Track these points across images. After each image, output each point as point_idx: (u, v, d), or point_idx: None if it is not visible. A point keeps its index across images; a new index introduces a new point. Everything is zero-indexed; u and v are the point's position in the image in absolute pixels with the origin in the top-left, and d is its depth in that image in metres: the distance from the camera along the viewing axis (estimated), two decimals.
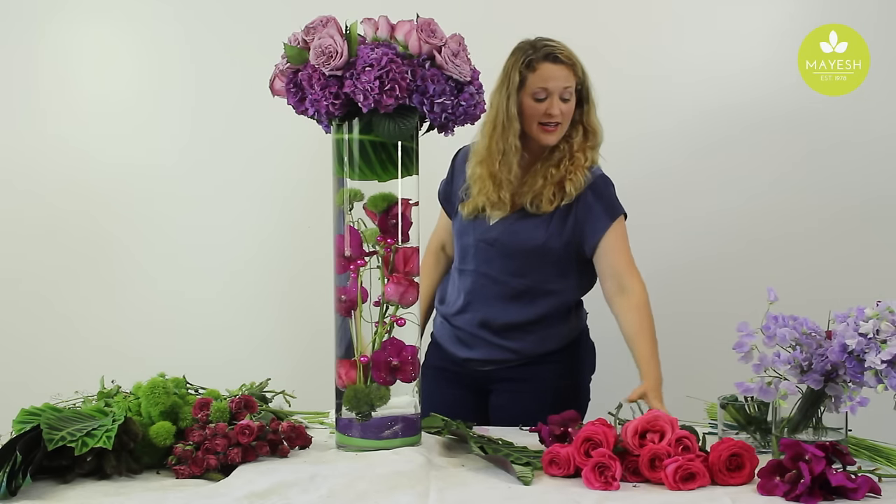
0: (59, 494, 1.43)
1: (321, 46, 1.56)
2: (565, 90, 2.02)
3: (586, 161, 2.06)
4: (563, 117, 2.03)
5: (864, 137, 2.64)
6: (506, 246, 2.06)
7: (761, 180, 2.68)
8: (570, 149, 2.06)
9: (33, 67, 2.85)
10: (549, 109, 2.01)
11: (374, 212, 1.66)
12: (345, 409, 1.67)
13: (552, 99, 2.01)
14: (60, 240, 2.85)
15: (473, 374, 2.14)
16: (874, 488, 1.40)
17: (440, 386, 2.15)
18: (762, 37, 2.67)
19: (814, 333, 1.56)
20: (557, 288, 2.09)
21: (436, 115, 1.60)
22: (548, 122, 2.02)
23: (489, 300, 2.09)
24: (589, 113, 2.08)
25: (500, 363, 2.10)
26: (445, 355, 2.17)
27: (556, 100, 2.01)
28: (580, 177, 2.04)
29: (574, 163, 2.05)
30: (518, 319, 2.08)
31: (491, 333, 2.09)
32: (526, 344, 2.09)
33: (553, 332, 2.10)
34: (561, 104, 2.02)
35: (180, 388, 1.69)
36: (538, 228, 2.05)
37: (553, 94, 2.01)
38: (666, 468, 1.45)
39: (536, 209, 2.04)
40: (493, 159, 2.04)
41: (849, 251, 2.65)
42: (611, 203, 2.07)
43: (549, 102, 2.01)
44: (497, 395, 2.14)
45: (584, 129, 2.08)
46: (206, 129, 2.84)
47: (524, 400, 2.07)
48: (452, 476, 1.53)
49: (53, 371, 2.72)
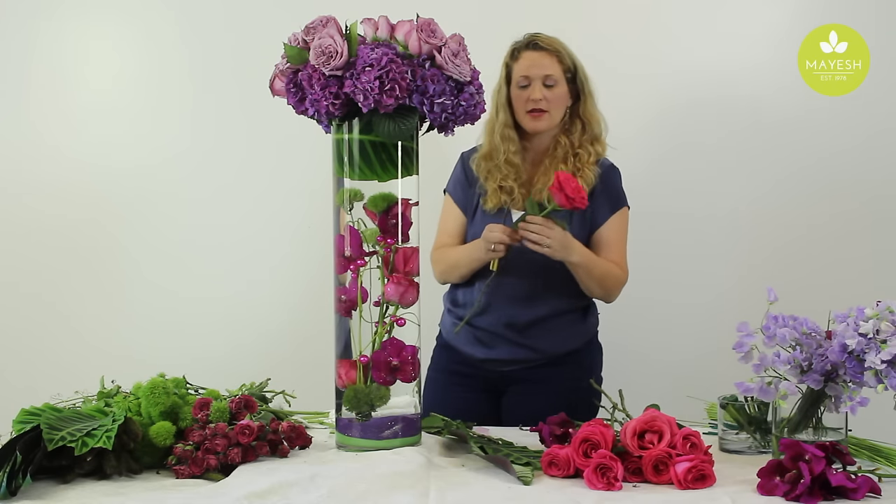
0: (59, 494, 1.43)
1: (321, 46, 1.56)
2: (548, 77, 2.06)
3: (590, 157, 2.09)
4: (548, 104, 2.07)
5: (864, 137, 2.64)
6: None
7: (761, 180, 2.68)
8: (571, 144, 2.10)
9: (28, 69, 2.85)
10: (532, 95, 2.06)
11: (374, 212, 1.66)
12: (345, 409, 1.67)
13: (534, 85, 2.06)
14: (60, 241, 2.85)
15: (489, 375, 2.13)
16: (874, 488, 1.40)
17: (452, 390, 2.15)
18: (762, 37, 2.68)
19: (814, 333, 1.56)
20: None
21: (436, 115, 1.60)
22: (532, 109, 2.07)
23: (513, 298, 2.08)
24: (585, 105, 2.11)
25: (522, 363, 2.10)
26: (459, 358, 2.15)
27: (538, 85, 2.06)
28: (589, 173, 2.07)
29: (580, 160, 2.08)
30: (542, 315, 2.07)
31: (515, 332, 2.09)
32: (548, 343, 2.08)
33: (575, 329, 2.12)
34: (544, 90, 2.06)
35: (180, 388, 1.69)
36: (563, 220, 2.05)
37: (535, 80, 2.06)
38: (675, 466, 1.45)
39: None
40: (492, 151, 2.11)
41: (849, 251, 2.65)
42: (616, 194, 2.11)
43: (532, 89, 2.06)
44: (511, 396, 2.13)
45: (582, 122, 2.11)
46: (206, 130, 2.84)
47: (539, 401, 2.05)
48: (452, 476, 1.53)
49: (53, 371, 2.72)
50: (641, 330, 2.67)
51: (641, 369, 2.59)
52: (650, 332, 2.69)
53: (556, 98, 2.08)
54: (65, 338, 2.85)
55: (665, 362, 2.70)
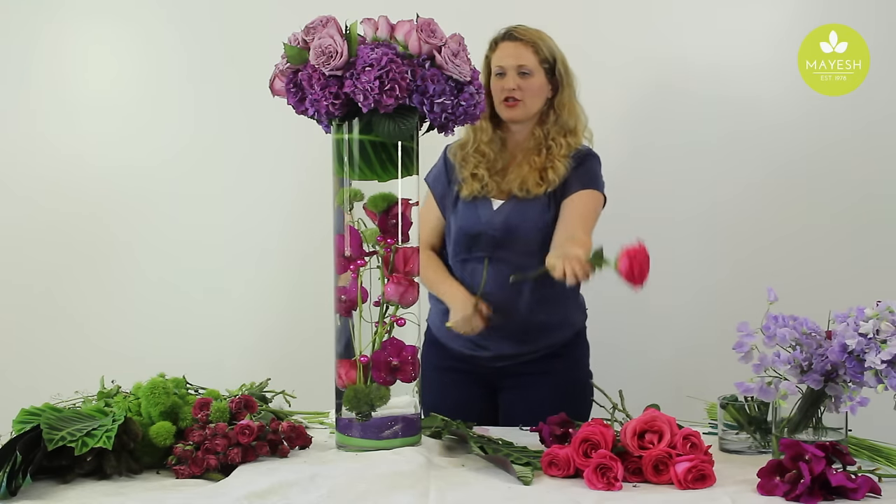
0: (59, 494, 1.43)
1: (321, 46, 1.56)
2: (521, 66, 2.08)
3: (562, 149, 2.10)
4: (521, 93, 2.08)
5: (864, 137, 2.63)
6: (515, 229, 2.07)
7: (761, 180, 2.68)
8: (544, 135, 2.11)
9: (28, 68, 2.85)
10: (505, 84, 2.08)
11: (374, 212, 1.66)
12: (345, 409, 1.67)
13: (509, 74, 2.08)
14: (60, 240, 2.85)
15: (481, 370, 2.13)
16: (874, 488, 1.40)
17: (449, 388, 2.14)
18: (762, 37, 2.67)
19: (814, 333, 1.56)
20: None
21: (436, 115, 1.60)
22: (506, 98, 2.08)
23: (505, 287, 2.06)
24: (561, 97, 2.12)
25: (513, 358, 2.10)
26: (451, 354, 2.16)
27: (513, 75, 2.08)
28: (560, 165, 2.08)
29: (551, 152, 2.09)
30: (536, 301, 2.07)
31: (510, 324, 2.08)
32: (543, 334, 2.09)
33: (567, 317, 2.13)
34: (518, 80, 2.08)
35: (180, 388, 1.69)
36: (543, 210, 2.07)
37: (509, 70, 2.08)
38: (676, 466, 1.45)
39: (526, 194, 2.07)
40: (467, 139, 2.14)
41: (849, 251, 2.64)
42: (589, 175, 2.11)
43: (506, 78, 2.08)
44: (507, 392, 2.14)
45: (557, 114, 2.12)
46: (206, 130, 2.84)
47: (535, 396, 2.06)
48: (452, 476, 1.53)
49: (53, 371, 2.72)
50: (641, 330, 2.66)
51: (641, 369, 2.59)
52: (650, 331, 2.69)
53: (530, 88, 2.08)
54: (65, 338, 2.84)
55: (665, 362, 2.69)
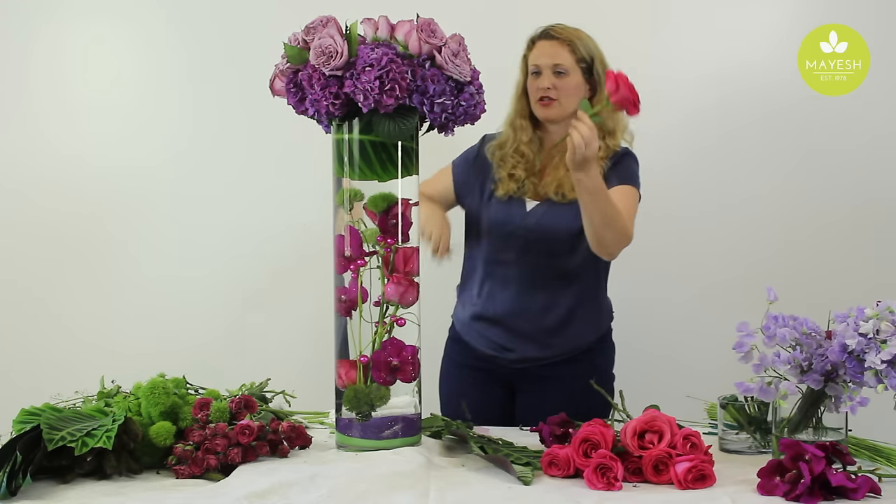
0: (59, 494, 1.43)
1: (321, 46, 1.56)
2: (557, 66, 2.06)
3: (600, 151, 2.03)
4: (557, 92, 2.06)
5: (864, 137, 2.64)
6: (547, 231, 2.06)
7: (761, 180, 2.68)
8: None
9: (28, 68, 2.84)
10: (541, 83, 2.07)
11: (374, 212, 1.66)
12: (345, 409, 1.67)
13: (544, 73, 2.06)
14: (59, 240, 2.85)
15: (501, 371, 2.13)
16: (874, 488, 1.40)
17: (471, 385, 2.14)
18: (762, 37, 2.67)
19: (814, 333, 1.56)
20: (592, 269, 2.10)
21: (436, 115, 1.60)
22: (542, 97, 2.07)
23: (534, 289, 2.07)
24: (600, 97, 2.07)
25: (534, 361, 2.10)
26: (474, 353, 2.15)
27: (548, 74, 2.06)
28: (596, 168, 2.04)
29: None
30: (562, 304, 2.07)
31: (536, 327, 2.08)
32: (562, 340, 2.09)
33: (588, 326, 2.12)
34: (554, 79, 2.06)
35: (180, 388, 1.69)
36: (576, 214, 2.00)
37: (545, 69, 2.07)
38: (676, 466, 1.45)
39: (562, 198, 2.05)
40: (506, 139, 2.13)
41: (849, 251, 2.65)
42: (627, 172, 2.08)
43: (542, 77, 2.07)
44: (526, 394, 2.13)
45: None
46: (207, 130, 2.84)
47: (555, 398, 2.04)
48: (452, 476, 1.53)
49: (53, 371, 2.72)
50: (641, 329, 2.66)
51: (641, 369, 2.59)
52: (650, 331, 2.69)
53: (566, 87, 2.06)
54: (65, 338, 2.84)
55: (665, 362, 2.69)
